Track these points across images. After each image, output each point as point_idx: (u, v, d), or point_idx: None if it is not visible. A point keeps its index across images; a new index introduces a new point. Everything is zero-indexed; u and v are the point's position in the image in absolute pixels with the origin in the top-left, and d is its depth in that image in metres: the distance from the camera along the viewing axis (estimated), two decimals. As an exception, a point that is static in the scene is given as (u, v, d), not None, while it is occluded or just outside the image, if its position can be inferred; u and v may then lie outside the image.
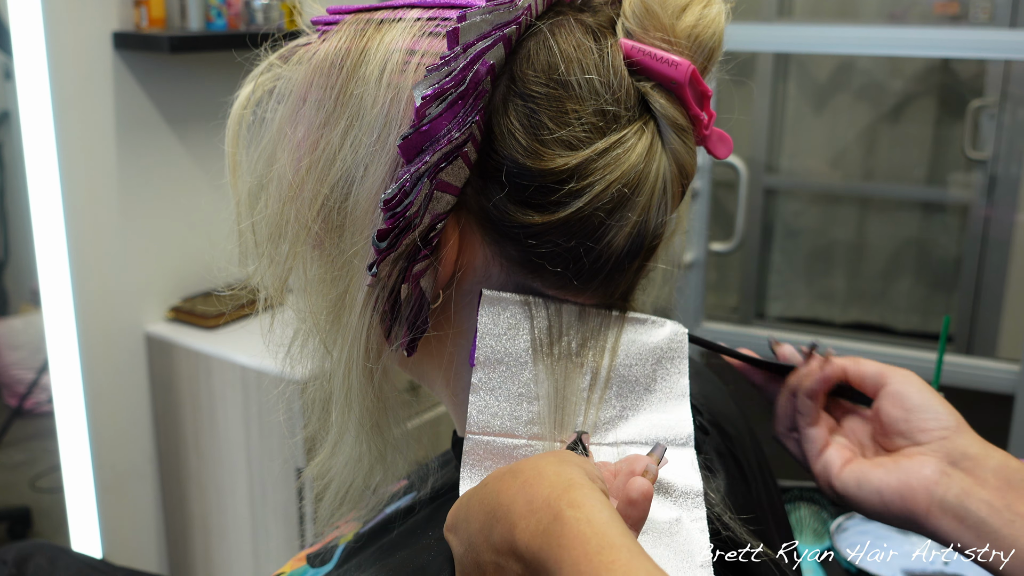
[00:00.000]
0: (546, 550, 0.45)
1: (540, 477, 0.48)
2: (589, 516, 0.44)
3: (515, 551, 0.46)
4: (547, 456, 0.50)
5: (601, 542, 0.43)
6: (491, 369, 0.56)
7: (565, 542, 0.44)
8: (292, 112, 0.59)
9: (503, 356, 0.56)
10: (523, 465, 0.49)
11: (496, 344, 0.56)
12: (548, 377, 0.57)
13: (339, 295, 0.58)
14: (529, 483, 0.48)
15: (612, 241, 0.55)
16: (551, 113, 0.54)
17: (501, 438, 0.55)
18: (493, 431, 0.55)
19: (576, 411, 0.57)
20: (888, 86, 3.11)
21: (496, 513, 0.48)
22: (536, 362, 0.56)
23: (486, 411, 0.55)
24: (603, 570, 0.42)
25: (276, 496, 2.01)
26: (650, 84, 0.55)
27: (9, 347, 2.60)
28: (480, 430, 0.55)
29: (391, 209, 0.53)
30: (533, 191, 0.54)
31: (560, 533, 0.44)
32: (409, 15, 0.57)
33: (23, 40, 1.87)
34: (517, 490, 0.48)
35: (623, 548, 0.43)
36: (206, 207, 2.13)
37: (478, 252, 0.57)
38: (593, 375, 0.58)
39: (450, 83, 0.52)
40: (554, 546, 0.44)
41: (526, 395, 0.56)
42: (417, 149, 0.52)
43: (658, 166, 0.55)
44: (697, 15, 0.55)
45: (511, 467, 0.50)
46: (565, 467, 0.48)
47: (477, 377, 0.56)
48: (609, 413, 0.58)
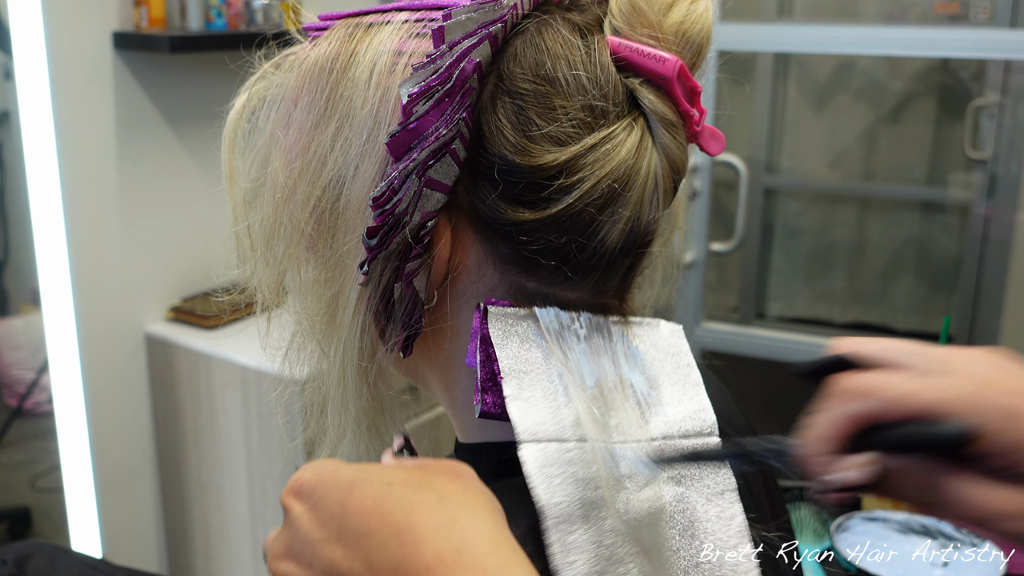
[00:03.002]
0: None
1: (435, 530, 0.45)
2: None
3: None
4: (458, 497, 0.47)
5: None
6: (519, 379, 0.56)
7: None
8: (284, 116, 0.60)
9: (526, 366, 0.56)
10: (440, 492, 0.47)
11: (514, 357, 0.56)
12: (572, 381, 0.57)
13: (333, 295, 0.59)
14: (436, 529, 0.45)
15: (605, 237, 0.56)
16: (539, 109, 0.54)
17: (554, 443, 0.55)
18: (544, 437, 0.55)
19: (610, 411, 0.57)
20: (888, 86, 3.11)
21: (401, 537, 0.45)
22: (555, 368, 0.57)
23: (527, 418, 0.55)
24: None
25: (276, 496, 2.01)
26: (638, 80, 0.56)
27: (9, 347, 2.60)
28: (531, 437, 0.54)
29: (380, 207, 0.53)
30: (523, 188, 0.54)
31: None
32: (397, 18, 0.58)
33: (23, 40, 1.87)
34: (429, 530, 0.45)
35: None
36: (206, 207, 2.13)
37: (471, 251, 0.58)
38: (615, 375, 0.58)
39: (436, 81, 0.52)
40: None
41: (560, 400, 0.56)
42: (405, 147, 0.53)
43: (648, 162, 0.55)
44: (684, 11, 0.55)
45: (421, 483, 0.47)
46: (470, 522, 0.45)
47: (510, 388, 0.55)
48: (639, 411, 0.58)
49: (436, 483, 0.47)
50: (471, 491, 0.48)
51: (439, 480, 0.48)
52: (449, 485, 0.47)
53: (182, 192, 2.15)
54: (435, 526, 0.45)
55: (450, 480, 0.48)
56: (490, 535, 0.45)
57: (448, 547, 0.44)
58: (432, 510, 0.45)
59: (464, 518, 0.45)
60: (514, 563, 0.44)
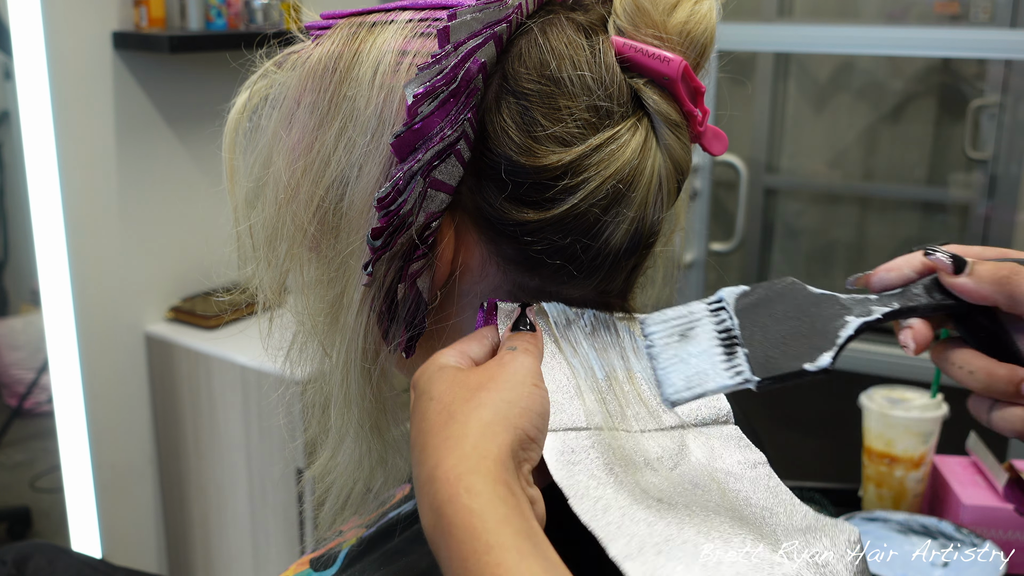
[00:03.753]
0: (436, 533, 0.44)
1: (459, 442, 0.46)
2: (483, 509, 0.43)
3: (419, 493, 0.47)
4: (487, 407, 0.48)
5: (490, 540, 0.42)
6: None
7: (456, 532, 0.43)
8: (287, 116, 0.60)
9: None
10: (459, 413, 0.48)
11: None
12: (583, 373, 0.57)
13: (336, 296, 0.59)
14: (448, 440, 0.47)
15: (610, 238, 0.56)
16: (544, 110, 0.54)
17: (571, 432, 0.54)
18: (559, 427, 0.54)
19: (622, 402, 0.57)
20: (888, 86, 3.11)
21: (419, 454, 0.48)
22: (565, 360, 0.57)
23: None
24: (487, 572, 0.42)
25: (276, 497, 2.01)
26: (643, 80, 0.56)
27: (9, 347, 2.60)
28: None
29: (385, 207, 0.53)
30: (528, 188, 0.54)
31: (451, 521, 0.44)
32: (401, 17, 0.57)
33: (23, 40, 1.87)
34: (439, 443, 0.47)
35: (512, 550, 0.42)
36: (206, 207, 2.13)
37: (474, 251, 0.58)
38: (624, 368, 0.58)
39: (441, 81, 0.52)
40: (444, 533, 0.44)
41: (571, 392, 0.56)
42: (410, 147, 0.53)
43: (653, 162, 0.55)
44: (688, 11, 0.55)
45: (451, 408, 0.49)
46: (489, 436, 0.47)
47: None
48: (651, 401, 0.58)
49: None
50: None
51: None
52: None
53: (182, 192, 2.15)
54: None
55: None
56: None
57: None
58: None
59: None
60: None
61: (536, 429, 0.49)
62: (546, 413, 0.51)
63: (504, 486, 0.45)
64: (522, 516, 0.44)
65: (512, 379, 0.50)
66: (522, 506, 0.45)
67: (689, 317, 0.53)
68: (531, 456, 0.49)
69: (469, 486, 0.44)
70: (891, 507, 1.35)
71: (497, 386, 0.50)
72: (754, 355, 0.51)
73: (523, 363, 0.52)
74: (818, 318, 0.52)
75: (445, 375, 0.51)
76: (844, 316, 0.52)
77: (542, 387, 0.51)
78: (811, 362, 0.51)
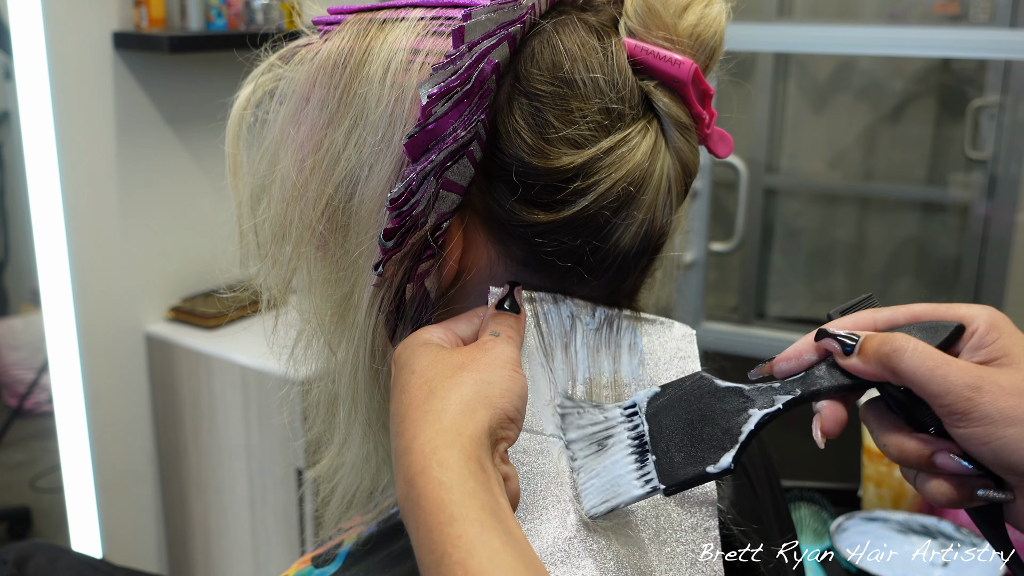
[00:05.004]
0: (407, 504, 0.46)
1: (438, 416, 0.47)
2: (452, 482, 0.44)
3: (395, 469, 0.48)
4: (468, 385, 0.49)
5: (454, 512, 0.43)
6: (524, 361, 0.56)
7: (423, 503, 0.44)
8: (295, 112, 0.59)
9: (527, 359, 0.56)
10: (440, 389, 0.49)
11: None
12: (559, 376, 0.57)
13: (344, 295, 0.58)
14: (428, 415, 0.48)
15: (619, 240, 0.56)
16: (556, 112, 0.54)
17: (526, 433, 0.55)
18: (532, 428, 0.55)
19: (600, 409, 0.57)
20: (888, 86, 3.11)
21: (398, 426, 0.49)
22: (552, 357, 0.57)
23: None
24: (448, 544, 0.43)
25: (276, 497, 2.01)
26: (653, 83, 0.56)
27: (9, 347, 2.60)
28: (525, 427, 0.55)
29: (397, 208, 0.53)
30: (539, 190, 0.54)
31: (420, 492, 0.45)
32: (412, 14, 0.57)
33: (23, 40, 1.87)
34: (419, 416, 0.48)
35: (475, 522, 0.43)
36: (206, 207, 2.13)
37: (483, 251, 0.57)
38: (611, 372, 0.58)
39: (456, 82, 0.52)
40: (413, 504, 0.45)
41: (547, 397, 0.56)
42: (423, 148, 0.52)
43: (662, 164, 0.55)
44: (699, 14, 0.55)
45: (432, 384, 0.50)
46: (467, 413, 0.48)
47: None
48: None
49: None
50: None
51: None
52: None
53: (182, 192, 2.15)
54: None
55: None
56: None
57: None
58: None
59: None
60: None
61: (515, 409, 0.50)
62: (525, 396, 0.51)
63: (476, 462, 0.46)
64: (490, 492, 0.45)
65: (493, 362, 0.51)
66: (491, 483, 0.46)
67: (606, 424, 0.55)
68: (509, 435, 0.50)
69: (442, 460, 0.45)
70: (891, 507, 1.35)
71: (479, 367, 0.50)
72: (660, 462, 0.54)
73: (503, 350, 0.52)
74: (722, 415, 0.54)
75: (428, 351, 0.52)
76: (748, 410, 0.53)
77: (521, 373, 0.52)
78: (714, 465, 0.52)
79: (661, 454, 0.54)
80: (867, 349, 0.50)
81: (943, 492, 0.50)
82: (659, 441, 0.54)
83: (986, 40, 1.98)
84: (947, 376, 0.47)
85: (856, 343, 0.51)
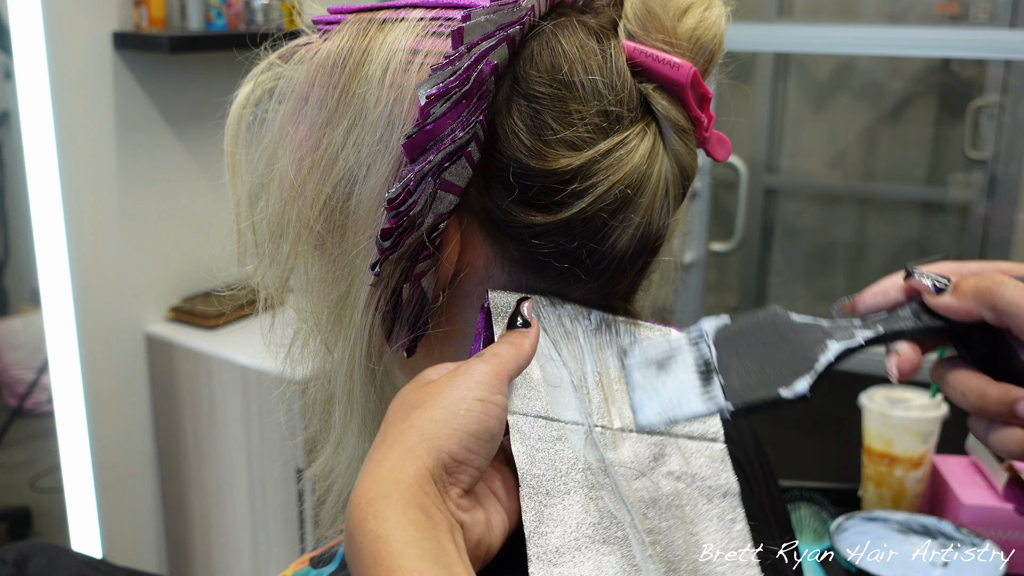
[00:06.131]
0: (349, 557, 0.45)
1: (378, 465, 0.47)
2: (388, 533, 0.44)
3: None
4: (413, 429, 0.48)
5: (392, 564, 0.43)
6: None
7: (362, 556, 0.44)
8: (294, 111, 0.59)
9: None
10: (389, 435, 0.49)
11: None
12: (575, 369, 0.57)
13: (341, 295, 0.59)
14: (370, 463, 0.47)
15: (616, 242, 0.56)
16: (555, 114, 0.54)
17: (542, 419, 0.54)
18: (532, 412, 0.54)
19: (611, 403, 0.56)
20: (888, 86, 3.11)
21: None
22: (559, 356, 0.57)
23: (519, 396, 0.54)
24: None
25: (276, 496, 2.01)
26: (652, 86, 0.56)
27: (9, 347, 2.60)
28: (520, 411, 0.54)
29: (395, 208, 0.53)
30: (536, 191, 0.54)
31: (358, 546, 0.44)
32: (412, 15, 0.57)
33: (23, 40, 1.87)
34: (365, 466, 0.48)
35: (413, 572, 0.42)
36: (206, 207, 2.13)
37: (480, 252, 0.58)
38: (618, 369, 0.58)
39: (454, 82, 0.52)
40: (353, 557, 0.45)
41: (559, 385, 0.56)
42: (421, 148, 0.53)
43: (660, 167, 0.55)
44: (698, 17, 0.55)
45: (385, 430, 0.49)
46: (408, 459, 0.47)
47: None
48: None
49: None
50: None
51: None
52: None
53: (182, 192, 2.15)
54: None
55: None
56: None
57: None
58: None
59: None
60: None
61: (465, 450, 0.48)
62: (486, 431, 0.49)
63: (418, 509, 0.45)
64: (433, 538, 0.44)
65: (451, 396, 0.49)
66: (437, 529, 0.45)
67: (668, 348, 0.54)
68: (459, 479, 0.48)
69: (378, 511, 0.45)
70: (891, 507, 1.35)
71: (432, 403, 0.49)
72: (730, 383, 0.51)
73: (473, 374, 0.50)
74: (798, 345, 0.51)
75: (403, 392, 0.52)
76: (825, 341, 0.51)
77: (490, 400, 0.49)
78: (787, 388, 0.50)
79: (730, 377, 0.51)
80: (963, 286, 0.49)
81: (1018, 442, 0.49)
82: (727, 366, 0.51)
83: (986, 40, 1.98)
84: None
85: (949, 283, 0.50)
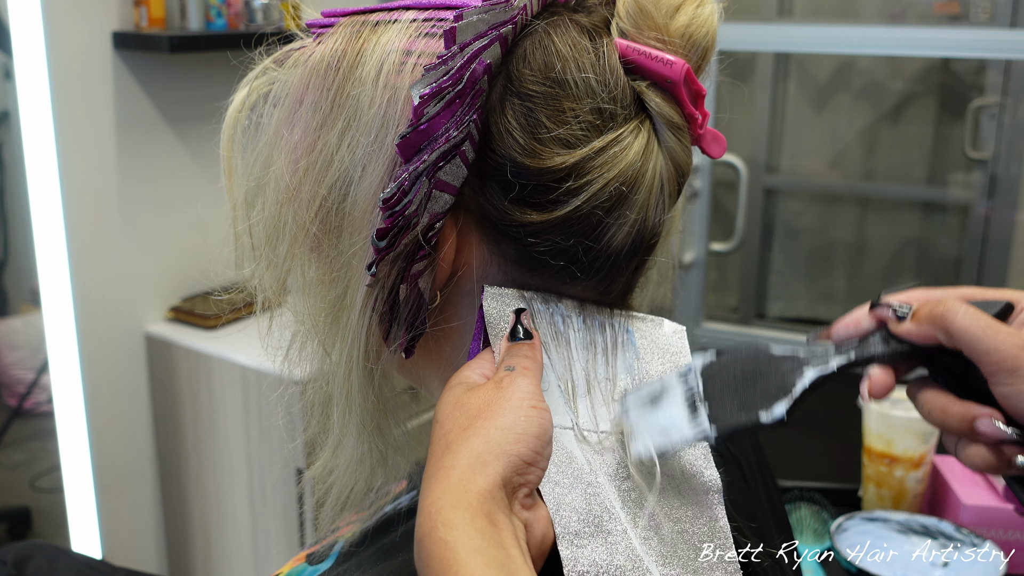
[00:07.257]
0: (419, 564, 0.47)
1: (447, 474, 0.48)
2: (456, 541, 0.45)
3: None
4: (480, 436, 0.50)
5: (459, 572, 0.44)
6: None
7: (431, 564, 0.45)
8: (288, 114, 0.60)
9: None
10: (454, 443, 0.50)
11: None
12: (562, 371, 0.57)
13: (338, 296, 0.59)
14: (439, 472, 0.49)
15: (612, 240, 0.56)
16: (548, 112, 0.54)
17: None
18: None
19: (595, 404, 0.57)
20: (888, 86, 3.11)
21: (423, 482, 0.49)
22: (548, 350, 0.57)
23: None
24: None
25: (276, 496, 2.01)
26: (645, 83, 0.56)
27: (9, 347, 2.60)
28: None
29: (390, 208, 0.53)
30: (531, 190, 0.54)
31: (428, 553, 0.46)
32: (404, 16, 0.57)
33: (23, 40, 1.87)
34: (432, 473, 0.49)
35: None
36: (206, 207, 2.13)
37: (476, 252, 0.58)
38: (606, 369, 0.58)
39: (447, 82, 0.52)
40: (423, 564, 0.46)
41: (548, 389, 0.56)
42: (415, 148, 0.53)
43: (655, 164, 0.56)
44: (690, 15, 0.55)
45: (448, 438, 0.50)
46: (477, 467, 0.48)
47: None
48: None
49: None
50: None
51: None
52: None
53: (182, 192, 2.15)
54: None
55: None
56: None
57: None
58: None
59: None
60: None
61: (534, 452, 0.50)
62: (545, 433, 0.51)
63: (484, 517, 0.46)
64: (499, 546, 0.45)
65: (508, 404, 0.51)
66: (503, 535, 0.46)
67: (661, 385, 0.57)
68: (529, 479, 0.50)
69: (447, 520, 0.46)
70: (891, 507, 1.35)
71: (494, 412, 0.51)
72: (714, 411, 0.55)
73: (520, 386, 0.52)
74: (777, 374, 0.55)
75: (452, 395, 0.53)
76: (802, 368, 0.55)
77: (541, 407, 0.52)
78: (767, 412, 0.54)
79: (714, 405, 0.55)
80: (920, 313, 0.53)
81: (982, 457, 0.52)
82: (711, 395, 0.56)
83: (986, 40, 1.98)
84: (997, 334, 0.49)
85: (910, 310, 0.53)
